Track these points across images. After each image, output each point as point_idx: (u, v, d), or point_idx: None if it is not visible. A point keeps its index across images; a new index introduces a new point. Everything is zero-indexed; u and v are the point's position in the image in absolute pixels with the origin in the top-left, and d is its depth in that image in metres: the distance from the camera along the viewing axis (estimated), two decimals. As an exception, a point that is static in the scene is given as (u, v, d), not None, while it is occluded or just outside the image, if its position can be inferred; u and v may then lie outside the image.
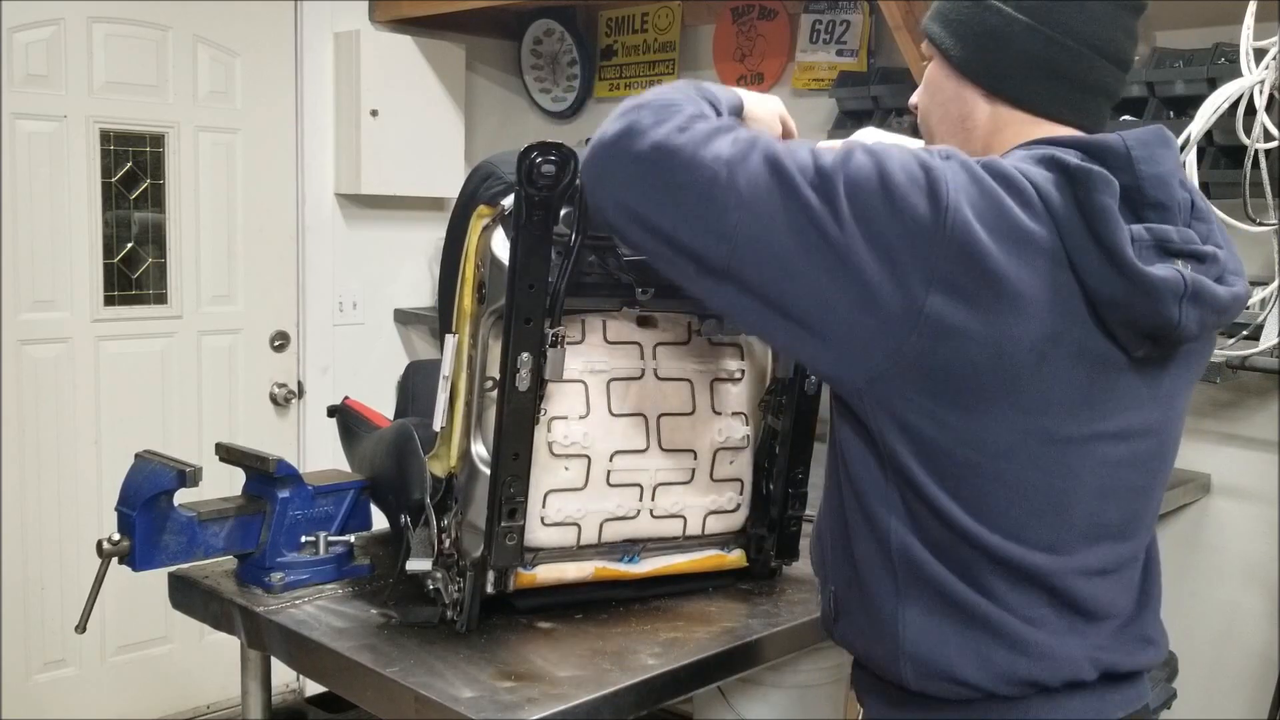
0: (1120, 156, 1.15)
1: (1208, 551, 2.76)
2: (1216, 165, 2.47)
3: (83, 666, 3.33)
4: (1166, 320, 1.12)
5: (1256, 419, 2.66)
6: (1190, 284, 1.12)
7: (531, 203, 1.41)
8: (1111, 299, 1.11)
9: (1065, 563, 1.19)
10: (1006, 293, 1.08)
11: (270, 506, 1.79)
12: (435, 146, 3.75)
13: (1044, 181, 1.12)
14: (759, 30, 3.58)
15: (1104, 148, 1.16)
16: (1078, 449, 1.17)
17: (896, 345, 1.09)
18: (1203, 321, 1.16)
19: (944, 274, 1.07)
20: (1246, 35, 2.23)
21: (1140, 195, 1.15)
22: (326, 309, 3.74)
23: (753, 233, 1.09)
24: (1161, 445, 1.26)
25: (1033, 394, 1.12)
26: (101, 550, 1.68)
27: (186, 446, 3.26)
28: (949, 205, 1.07)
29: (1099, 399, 1.16)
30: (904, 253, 1.06)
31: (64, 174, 3.20)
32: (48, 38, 3.15)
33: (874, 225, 1.07)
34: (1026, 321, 1.09)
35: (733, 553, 1.81)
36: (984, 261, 1.07)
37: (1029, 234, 1.09)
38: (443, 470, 1.63)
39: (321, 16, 3.63)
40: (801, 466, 1.79)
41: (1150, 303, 1.11)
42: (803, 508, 1.81)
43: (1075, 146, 1.17)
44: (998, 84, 1.25)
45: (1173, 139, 1.21)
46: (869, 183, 1.08)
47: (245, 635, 1.71)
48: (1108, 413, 1.17)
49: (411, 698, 1.43)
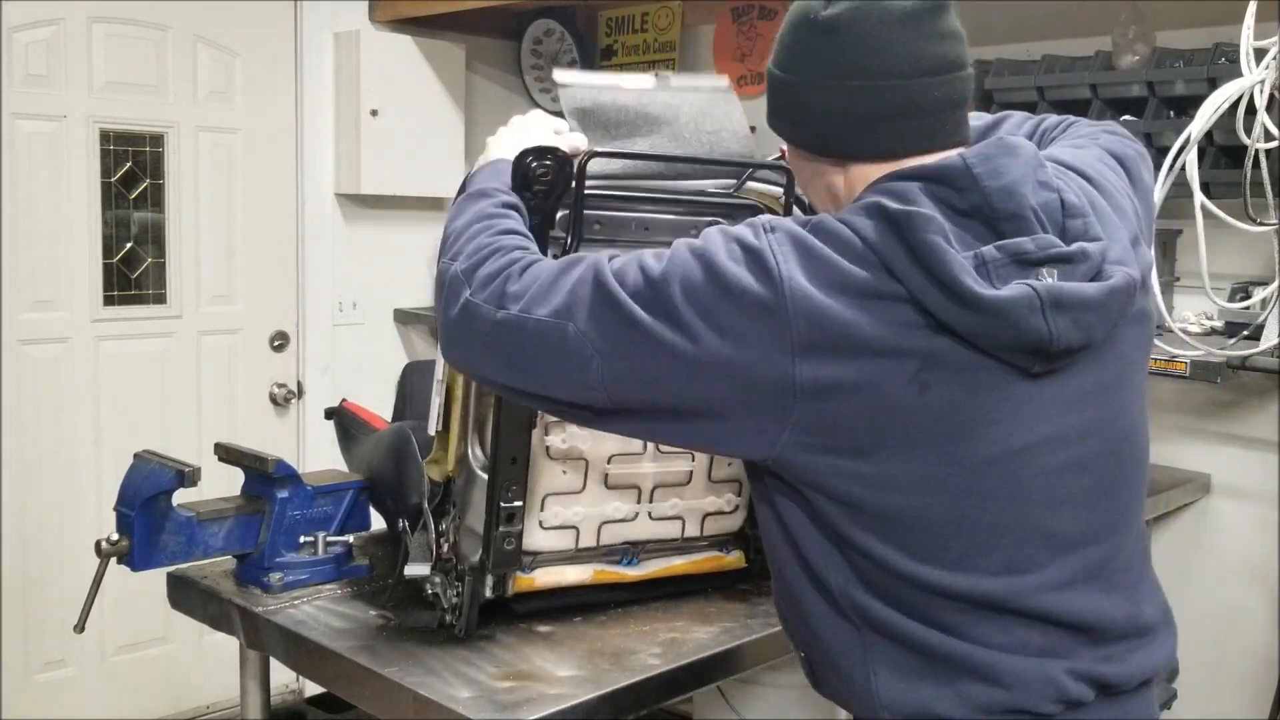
0: (963, 175, 1.13)
1: (1208, 551, 2.75)
2: (1216, 165, 2.47)
3: (82, 666, 3.33)
4: (1035, 335, 1.09)
5: (1256, 419, 2.66)
6: (1044, 294, 1.09)
7: (528, 206, 1.41)
8: (970, 330, 1.09)
9: (1027, 582, 1.16)
10: (862, 340, 1.08)
11: (269, 507, 1.79)
12: (435, 146, 3.75)
13: (868, 230, 1.11)
14: (759, 30, 3.58)
15: (944, 170, 1.14)
16: (1001, 468, 1.14)
17: (784, 415, 1.11)
18: (1081, 322, 1.11)
19: (800, 340, 1.08)
20: (1246, 35, 2.23)
21: (991, 210, 1.12)
22: (326, 309, 3.73)
23: (616, 372, 1.15)
24: (1110, 443, 1.21)
25: (929, 426, 1.11)
26: (100, 550, 1.68)
27: (186, 446, 3.25)
28: (782, 277, 1.09)
29: (1006, 415, 1.13)
30: (755, 334, 1.09)
31: (64, 174, 3.20)
32: (48, 38, 3.15)
33: (720, 320, 1.10)
34: (894, 361, 1.09)
35: (731, 554, 1.81)
36: (830, 318, 1.08)
37: (864, 283, 1.09)
38: (440, 475, 1.63)
39: (321, 16, 3.63)
40: None
41: (1009, 324, 1.08)
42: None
43: (916, 177, 1.15)
44: (827, 147, 1.23)
45: (1019, 146, 1.17)
46: (701, 283, 1.11)
47: (244, 635, 1.71)
48: (1023, 426, 1.14)
49: (410, 698, 1.43)
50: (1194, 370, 2.36)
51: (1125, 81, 2.62)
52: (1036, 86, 2.75)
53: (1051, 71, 2.75)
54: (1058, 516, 1.18)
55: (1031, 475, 1.16)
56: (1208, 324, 2.61)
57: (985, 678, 1.16)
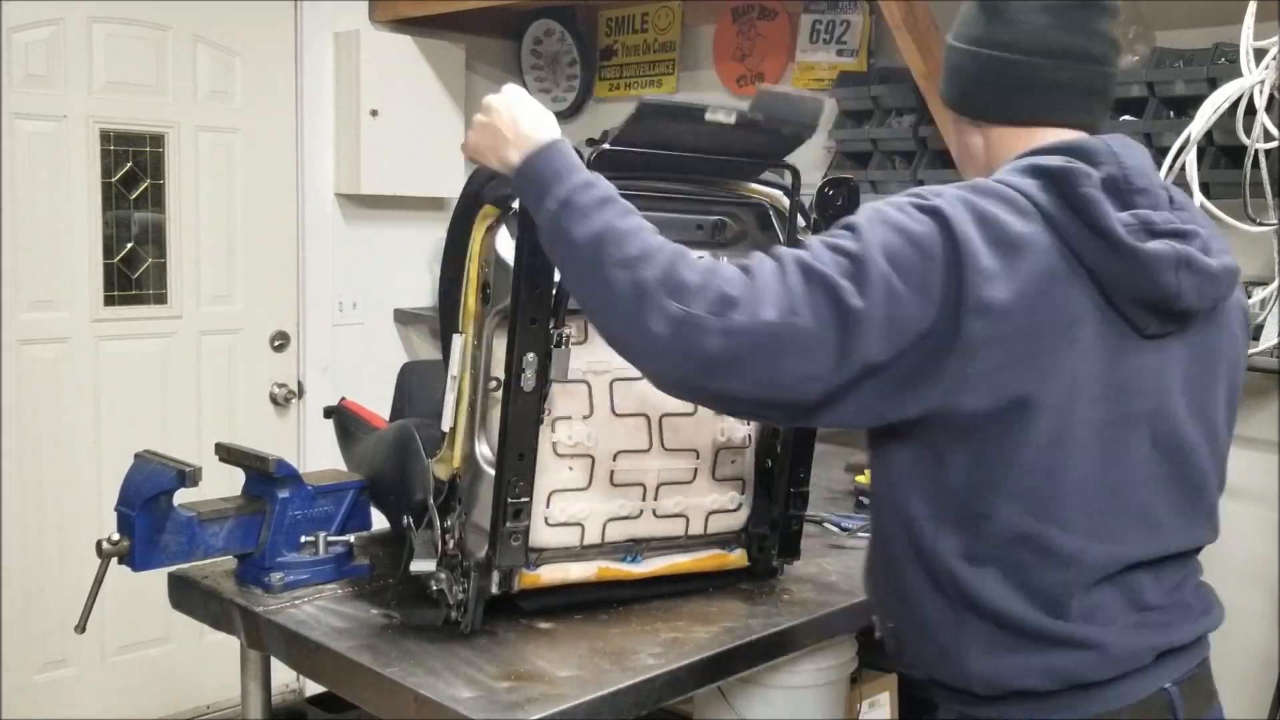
0: (1103, 152, 1.26)
1: (1208, 551, 2.75)
2: (1216, 165, 2.47)
3: (82, 667, 3.33)
4: (1167, 289, 1.21)
5: (1256, 419, 2.66)
6: (1181, 254, 1.22)
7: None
8: (1115, 278, 1.20)
9: (1126, 552, 1.25)
10: (1019, 294, 1.16)
11: (270, 506, 1.79)
12: (435, 146, 3.75)
13: (1031, 188, 1.22)
14: (759, 30, 3.58)
15: (1086, 147, 1.27)
16: (1119, 431, 1.24)
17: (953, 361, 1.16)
18: (1201, 290, 1.24)
19: (971, 293, 1.15)
20: (1246, 35, 2.23)
21: (1126, 183, 1.24)
22: (326, 309, 3.74)
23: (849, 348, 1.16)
24: (1186, 437, 1.31)
25: (1069, 383, 1.19)
26: (101, 550, 1.68)
27: (186, 446, 3.25)
28: (958, 237, 1.17)
29: (1127, 380, 1.23)
30: (939, 286, 1.16)
31: (64, 174, 3.20)
32: (48, 38, 3.15)
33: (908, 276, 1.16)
34: (1047, 312, 1.18)
35: (734, 552, 1.81)
36: (994, 273, 1.16)
37: (1026, 237, 1.19)
38: (446, 472, 1.63)
39: (321, 16, 3.63)
40: (803, 466, 1.79)
41: (1149, 275, 1.20)
42: (804, 507, 1.81)
43: (1060, 151, 1.27)
44: (973, 110, 1.40)
45: (1137, 142, 1.33)
46: (900, 247, 1.17)
47: (245, 635, 1.71)
48: (1139, 394, 1.25)
49: (411, 698, 1.43)
50: (1194, 370, 2.36)
51: (1125, 81, 2.61)
52: (1036, 86, 2.74)
53: (1051, 71, 2.74)
54: (1150, 494, 1.27)
55: (1136, 443, 1.26)
56: (1208, 324, 2.61)
57: (1074, 650, 1.23)
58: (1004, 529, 1.22)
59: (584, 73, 3.98)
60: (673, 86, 3.82)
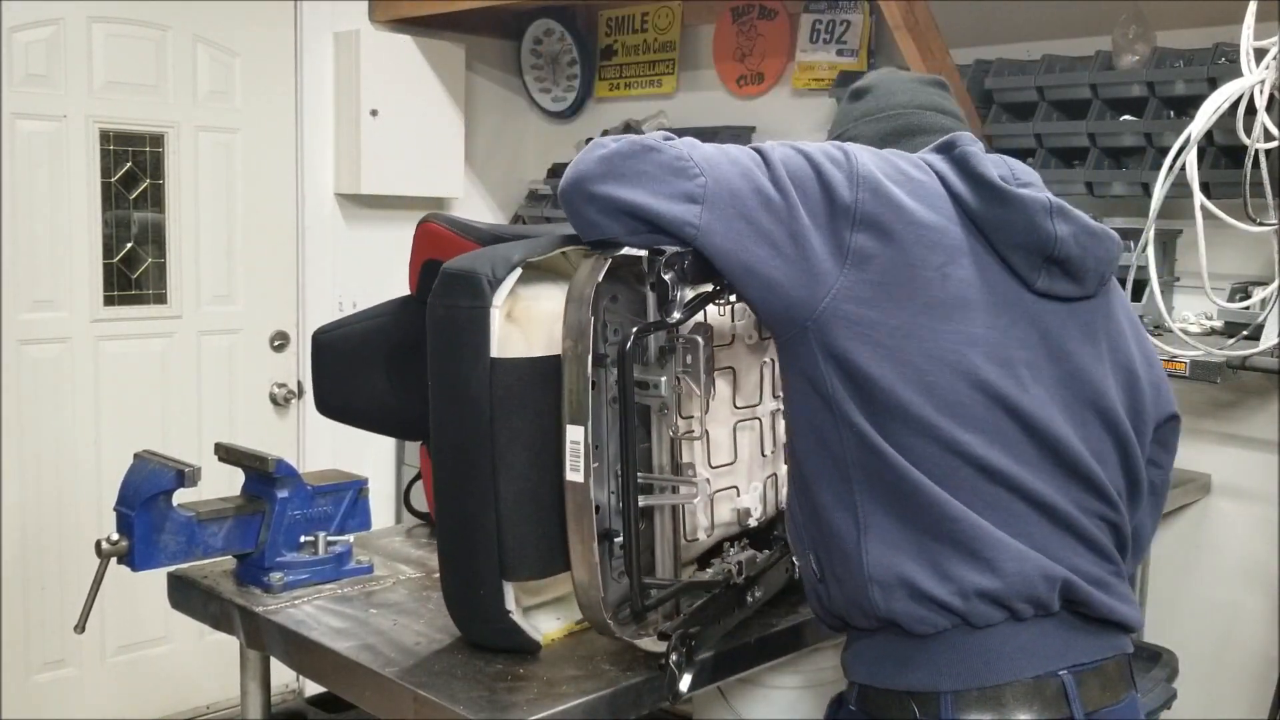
0: (966, 138, 1.40)
1: (1208, 551, 2.76)
2: (1216, 165, 2.47)
3: (82, 666, 3.33)
4: (1044, 233, 1.31)
5: (1256, 419, 2.66)
6: (1054, 201, 1.34)
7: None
8: (994, 221, 1.32)
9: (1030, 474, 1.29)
10: (913, 221, 1.29)
11: (269, 506, 1.79)
12: (435, 146, 3.75)
13: (924, 150, 1.42)
14: (759, 30, 3.58)
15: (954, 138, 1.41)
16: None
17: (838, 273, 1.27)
18: (1080, 241, 1.34)
19: (863, 214, 1.28)
20: (1246, 35, 2.23)
21: (1006, 165, 1.38)
22: (326, 309, 3.73)
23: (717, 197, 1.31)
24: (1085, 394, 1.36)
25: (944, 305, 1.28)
26: (100, 550, 1.68)
27: (186, 446, 3.26)
28: (858, 169, 1.31)
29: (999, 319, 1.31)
30: (828, 207, 1.29)
31: (64, 174, 3.20)
32: (48, 38, 3.15)
33: (807, 193, 1.30)
34: (929, 248, 1.29)
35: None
36: (890, 197, 1.29)
37: (921, 182, 1.34)
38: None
39: (321, 16, 3.63)
40: None
41: (1025, 218, 1.31)
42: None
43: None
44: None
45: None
46: (800, 164, 1.32)
47: (244, 635, 1.71)
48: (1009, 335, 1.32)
49: (410, 698, 1.43)
50: (1194, 370, 2.37)
51: (1125, 81, 2.62)
52: (1036, 86, 2.75)
53: (1051, 71, 2.75)
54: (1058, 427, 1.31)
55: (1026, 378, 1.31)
56: (1207, 324, 2.61)
57: (971, 555, 1.26)
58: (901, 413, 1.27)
59: (584, 72, 3.98)
60: (673, 86, 3.82)
